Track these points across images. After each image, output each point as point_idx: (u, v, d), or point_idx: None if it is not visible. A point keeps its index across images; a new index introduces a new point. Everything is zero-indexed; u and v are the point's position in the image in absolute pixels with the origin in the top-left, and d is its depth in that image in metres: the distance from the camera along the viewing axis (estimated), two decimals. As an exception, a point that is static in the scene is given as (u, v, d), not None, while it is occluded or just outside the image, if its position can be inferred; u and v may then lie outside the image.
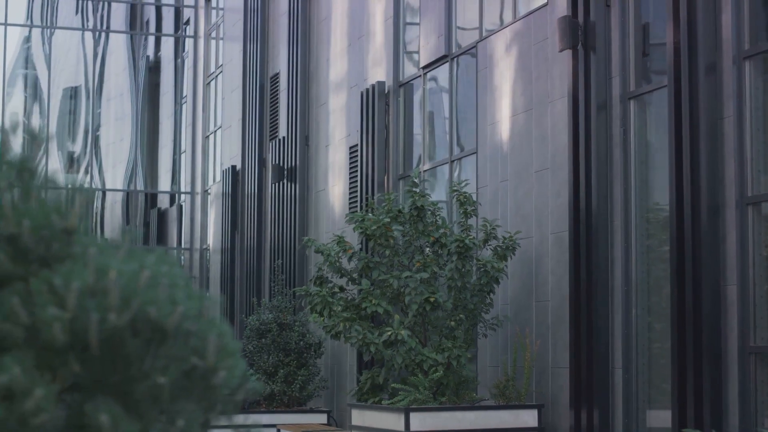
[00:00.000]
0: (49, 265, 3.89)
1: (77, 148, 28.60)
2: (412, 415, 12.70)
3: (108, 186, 28.52)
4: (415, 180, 13.47)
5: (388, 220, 13.32)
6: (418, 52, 17.12)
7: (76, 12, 29.04)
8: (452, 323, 13.28)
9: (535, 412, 13.08)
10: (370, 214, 13.62)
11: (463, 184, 13.85)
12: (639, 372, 12.21)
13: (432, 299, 12.95)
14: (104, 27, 28.57)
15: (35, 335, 3.79)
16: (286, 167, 21.01)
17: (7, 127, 3.96)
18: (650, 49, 12.44)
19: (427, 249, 13.68)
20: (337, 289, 13.94)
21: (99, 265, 3.91)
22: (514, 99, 14.35)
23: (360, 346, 13.23)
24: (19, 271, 3.81)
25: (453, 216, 14.98)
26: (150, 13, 29.74)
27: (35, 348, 3.71)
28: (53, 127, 28.13)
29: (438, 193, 16.33)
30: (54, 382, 3.80)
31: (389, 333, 12.98)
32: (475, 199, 13.95)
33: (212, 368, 3.98)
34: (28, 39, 28.49)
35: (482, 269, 13.29)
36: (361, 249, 14.46)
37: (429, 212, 13.58)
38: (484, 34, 15.31)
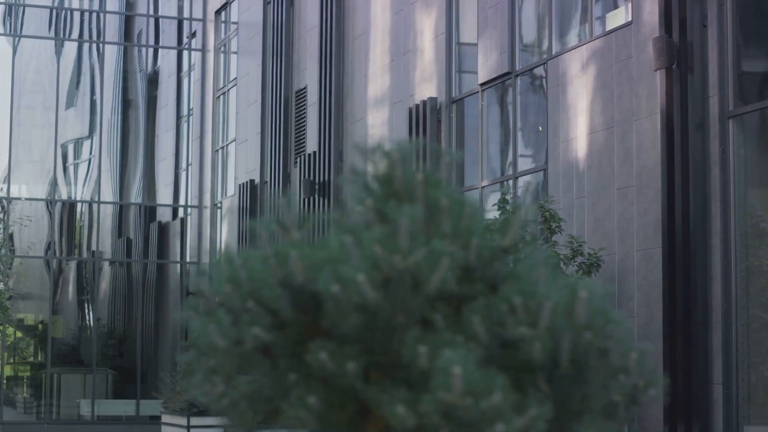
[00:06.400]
0: (492, 285, 3.89)
1: (69, 159, 28.27)
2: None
3: (110, 199, 28.20)
4: (506, 197, 13.52)
5: (481, 236, 13.33)
6: (474, 72, 17.15)
7: (70, 23, 28.76)
8: (544, 339, 13.32)
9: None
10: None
11: (549, 201, 13.92)
12: (740, 388, 12.34)
13: (527, 315, 12.97)
14: (102, 38, 28.27)
15: (493, 354, 3.79)
16: (317, 182, 20.97)
17: (404, 149, 3.96)
18: (752, 68, 12.61)
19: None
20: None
21: (565, 283, 3.92)
22: (593, 117, 14.45)
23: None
24: (464, 291, 3.81)
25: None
26: (149, 24, 29.49)
27: (494, 367, 3.71)
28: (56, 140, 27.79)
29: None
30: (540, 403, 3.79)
31: (483, 349, 12.98)
32: (560, 216, 14.02)
33: (639, 386, 3.99)
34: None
35: (572, 285, 13.34)
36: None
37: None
38: (554, 51, 15.41)
